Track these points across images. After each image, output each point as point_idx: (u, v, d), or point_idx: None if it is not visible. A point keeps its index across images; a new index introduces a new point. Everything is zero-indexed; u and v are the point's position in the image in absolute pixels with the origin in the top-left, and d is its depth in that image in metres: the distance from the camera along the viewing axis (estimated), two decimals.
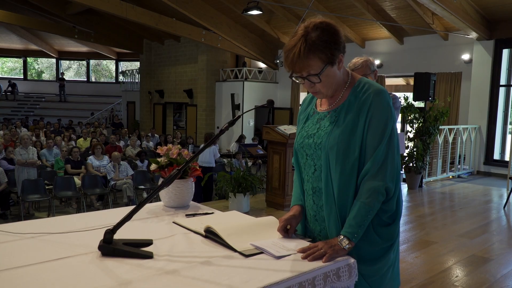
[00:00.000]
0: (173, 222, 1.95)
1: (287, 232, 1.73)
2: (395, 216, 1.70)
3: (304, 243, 1.67)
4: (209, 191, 8.93)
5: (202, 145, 14.64)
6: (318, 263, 1.51)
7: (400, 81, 16.57)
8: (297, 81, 1.67)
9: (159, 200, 2.31)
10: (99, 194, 8.70)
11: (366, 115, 1.62)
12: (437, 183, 9.23)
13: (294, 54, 1.56)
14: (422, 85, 8.18)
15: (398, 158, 1.67)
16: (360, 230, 1.59)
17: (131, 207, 1.67)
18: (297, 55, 1.56)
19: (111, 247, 1.52)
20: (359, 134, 1.62)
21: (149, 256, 1.52)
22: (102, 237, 1.55)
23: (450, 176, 9.94)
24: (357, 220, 1.59)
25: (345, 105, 1.67)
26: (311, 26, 1.57)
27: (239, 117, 1.72)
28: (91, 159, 9.20)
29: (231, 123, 1.70)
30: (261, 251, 1.59)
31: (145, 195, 9.36)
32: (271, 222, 1.85)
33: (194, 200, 2.34)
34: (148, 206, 2.20)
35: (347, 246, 1.58)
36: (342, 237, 1.60)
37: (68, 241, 1.67)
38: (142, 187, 8.96)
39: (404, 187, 8.50)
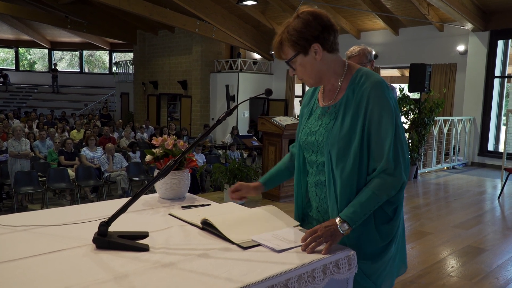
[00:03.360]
0: (169, 214, 1.92)
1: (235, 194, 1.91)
2: (398, 209, 1.68)
3: (301, 235, 1.64)
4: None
5: (200, 134, 14.59)
6: (317, 256, 1.49)
7: (395, 73, 16.57)
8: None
9: (155, 191, 2.28)
10: (93, 186, 8.65)
11: (365, 111, 1.59)
12: (432, 174, 9.26)
13: (274, 41, 1.66)
14: (418, 76, 8.17)
15: (407, 149, 1.65)
16: (363, 218, 1.58)
17: (126, 199, 1.63)
18: (275, 42, 1.65)
19: (106, 239, 1.49)
20: (359, 130, 1.59)
21: (145, 248, 1.49)
22: (96, 230, 1.51)
23: (445, 167, 9.97)
24: (363, 208, 1.56)
25: (344, 101, 1.64)
26: (296, 15, 1.63)
27: (236, 106, 1.69)
28: (85, 151, 9.14)
29: (229, 113, 1.67)
30: (259, 244, 1.56)
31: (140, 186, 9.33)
32: (269, 211, 1.83)
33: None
34: (143, 197, 2.17)
35: (344, 231, 1.56)
36: (342, 221, 1.56)
37: (61, 234, 1.63)
38: (137, 179, 8.92)
39: None
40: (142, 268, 1.34)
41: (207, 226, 1.70)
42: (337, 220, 1.57)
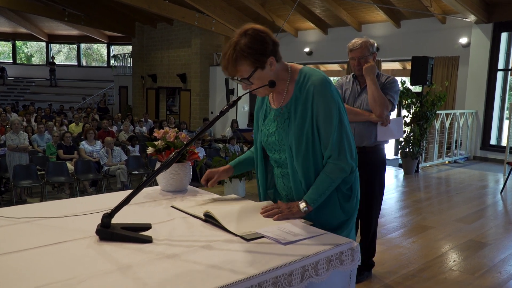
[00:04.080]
0: (172, 206, 1.94)
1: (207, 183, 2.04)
2: (353, 187, 1.90)
3: (310, 229, 1.68)
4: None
5: (200, 128, 14.59)
6: (321, 247, 1.50)
7: (397, 66, 16.53)
8: (237, 82, 1.81)
9: (156, 184, 2.29)
10: (93, 180, 8.67)
11: (312, 107, 1.78)
12: (434, 168, 9.27)
13: (225, 60, 1.74)
14: (420, 69, 8.16)
15: (352, 135, 1.86)
16: (320, 198, 1.80)
17: (127, 192, 1.65)
18: (227, 62, 1.73)
19: (109, 231, 1.51)
20: (309, 123, 1.79)
21: (148, 240, 1.51)
22: (99, 222, 1.53)
23: (447, 161, 9.99)
24: (319, 189, 1.80)
25: (293, 100, 1.83)
26: (241, 33, 1.73)
27: (239, 98, 1.70)
28: (84, 144, 9.15)
29: (232, 105, 1.69)
30: (262, 236, 1.58)
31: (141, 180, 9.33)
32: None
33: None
34: (145, 190, 2.18)
35: (304, 209, 1.79)
36: (302, 201, 1.81)
37: (64, 226, 1.65)
38: (136, 172, 8.93)
39: (400, 172, 8.53)
40: (146, 259, 1.36)
41: (209, 218, 1.72)
42: (299, 201, 1.82)
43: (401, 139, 8.42)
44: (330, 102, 1.76)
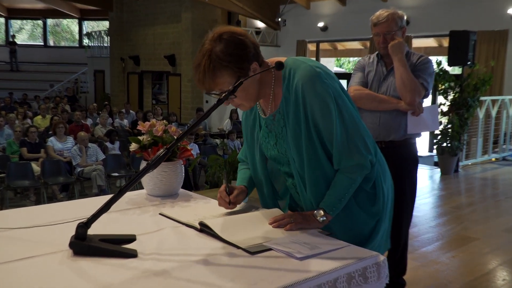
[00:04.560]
0: (160, 214, 1.95)
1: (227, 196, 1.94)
2: (377, 184, 1.91)
3: (329, 240, 1.70)
4: None
5: (192, 120, 14.62)
6: (340, 262, 1.51)
7: (431, 43, 16.47)
8: (215, 97, 1.78)
9: (141, 187, 2.31)
10: (63, 184, 8.70)
11: (304, 106, 1.80)
12: (477, 167, 9.26)
13: (200, 73, 1.71)
14: (459, 46, 8.12)
15: (361, 124, 1.85)
16: (340, 204, 1.82)
17: (105, 197, 1.66)
18: (203, 74, 1.70)
19: (85, 244, 1.52)
20: (305, 127, 1.81)
21: (132, 254, 1.52)
22: (73, 233, 1.53)
23: (493, 159, 9.97)
24: (337, 193, 1.82)
25: (283, 104, 1.86)
26: (215, 37, 1.72)
27: (240, 83, 1.70)
28: (52, 141, 9.17)
29: (232, 91, 1.68)
30: (269, 248, 1.59)
31: (118, 184, 9.36)
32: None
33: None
34: (128, 195, 2.20)
35: (322, 218, 1.81)
36: (318, 209, 1.83)
37: (31, 238, 1.66)
38: (116, 174, 8.96)
39: (437, 172, 8.52)
40: (130, 277, 1.36)
41: (206, 228, 1.73)
42: (316, 209, 1.84)
43: (437, 131, 8.40)
44: (323, 95, 1.76)
